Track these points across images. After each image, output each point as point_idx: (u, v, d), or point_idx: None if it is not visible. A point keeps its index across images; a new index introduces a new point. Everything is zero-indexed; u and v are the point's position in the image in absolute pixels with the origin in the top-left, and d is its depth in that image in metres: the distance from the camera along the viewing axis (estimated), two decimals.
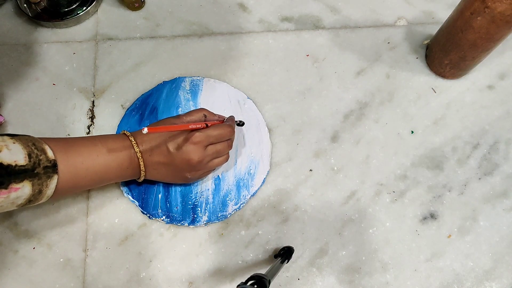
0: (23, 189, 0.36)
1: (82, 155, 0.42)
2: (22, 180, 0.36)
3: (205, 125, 0.45)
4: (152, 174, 0.46)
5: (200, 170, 0.46)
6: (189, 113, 0.48)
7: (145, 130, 0.38)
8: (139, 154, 0.44)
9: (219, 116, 0.50)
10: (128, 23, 0.60)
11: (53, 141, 0.41)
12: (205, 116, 0.48)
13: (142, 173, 0.45)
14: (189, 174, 0.46)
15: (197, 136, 0.44)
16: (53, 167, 0.39)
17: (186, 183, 0.51)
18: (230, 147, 0.48)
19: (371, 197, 0.52)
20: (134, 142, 0.44)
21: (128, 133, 0.46)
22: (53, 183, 0.39)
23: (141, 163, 0.45)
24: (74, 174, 0.41)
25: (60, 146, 0.40)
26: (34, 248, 0.48)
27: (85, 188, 0.45)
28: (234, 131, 0.49)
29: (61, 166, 0.39)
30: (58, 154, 0.40)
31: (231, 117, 0.51)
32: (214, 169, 0.51)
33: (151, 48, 0.59)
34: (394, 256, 0.50)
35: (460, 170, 0.53)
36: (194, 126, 0.44)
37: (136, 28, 0.60)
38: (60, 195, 0.41)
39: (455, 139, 0.55)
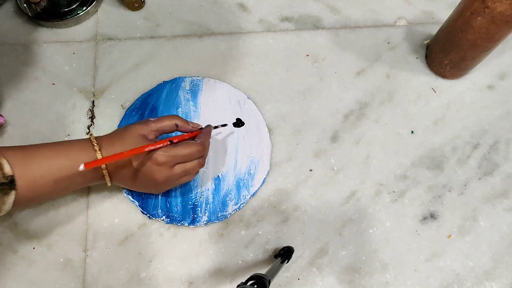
0: None
1: (42, 169, 0.39)
2: None
3: (168, 142, 0.41)
4: (119, 183, 0.45)
5: (168, 187, 0.45)
6: (159, 119, 0.44)
7: (81, 167, 0.35)
8: (103, 166, 0.41)
9: (194, 125, 0.46)
10: (128, 23, 0.60)
11: (12, 153, 0.38)
12: (177, 125, 0.44)
13: (108, 183, 0.44)
14: (155, 191, 0.45)
15: (162, 157, 0.40)
16: (10, 184, 0.36)
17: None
18: (202, 165, 0.45)
19: (371, 197, 0.52)
20: (99, 153, 0.41)
21: (95, 142, 0.41)
22: (10, 198, 0.37)
23: (106, 175, 0.42)
24: (33, 189, 0.39)
25: (19, 159, 0.38)
26: (34, 248, 0.48)
27: (49, 199, 0.43)
28: (206, 148, 0.45)
29: (19, 182, 0.37)
30: (16, 168, 0.37)
31: (207, 129, 0.46)
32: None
33: (151, 48, 0.59)
34: (394, 256, 0.50)
35: (460, 170, 0.53)
36: (152, 148, 0.40)
37: (136, 28, 0.60)
38: (21, 206, 0.40)
39: (455, 139, 0.55)
